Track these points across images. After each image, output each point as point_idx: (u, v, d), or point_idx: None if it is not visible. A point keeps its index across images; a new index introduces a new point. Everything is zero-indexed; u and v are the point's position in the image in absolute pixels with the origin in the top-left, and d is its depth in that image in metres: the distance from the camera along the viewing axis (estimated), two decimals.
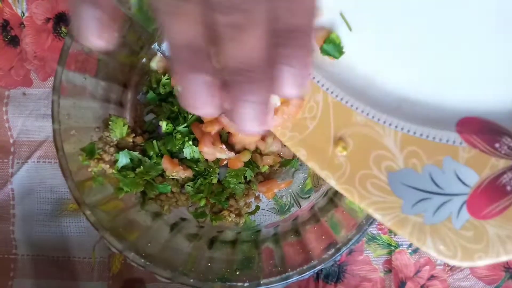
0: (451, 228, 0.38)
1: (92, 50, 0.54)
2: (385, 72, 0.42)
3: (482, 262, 0.37)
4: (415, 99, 0.41)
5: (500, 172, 0.38)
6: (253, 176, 0.62)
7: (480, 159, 0.39)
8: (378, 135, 0.41)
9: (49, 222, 0.70)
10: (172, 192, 0.61)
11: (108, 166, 0.56)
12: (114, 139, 0.58)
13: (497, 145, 0.39)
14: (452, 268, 0.66)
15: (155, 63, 0.63)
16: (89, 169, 0.55)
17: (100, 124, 0.58)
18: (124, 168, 0.57)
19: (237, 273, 0.52)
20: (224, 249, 0.57)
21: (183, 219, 0.62)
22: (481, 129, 0.40)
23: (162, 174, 0.60)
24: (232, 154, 0.60)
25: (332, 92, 0.43)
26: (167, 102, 0.62)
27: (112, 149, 0.57)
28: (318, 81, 0.43)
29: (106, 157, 0.56)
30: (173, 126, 0.59)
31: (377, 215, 0.40)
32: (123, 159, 0.57)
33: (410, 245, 0.66)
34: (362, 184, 0.40)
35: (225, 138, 0.61)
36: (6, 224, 0.70)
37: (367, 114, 0.42)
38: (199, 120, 0.60)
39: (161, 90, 0.62)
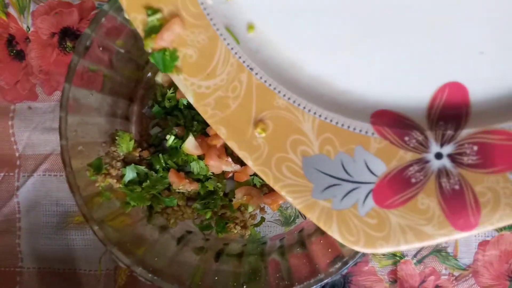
0: (356, 215, 0.40)
1: (99, 66, 0.55)
2: (310, 60, 0.44)
3: (383, 249, 0.39)
4: (336, 88, 0.43)
5: (407, 165, 0.41)
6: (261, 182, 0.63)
7: (389, 150, 0.41)
8: (297, 120, 0.42)
9: (55, 235, 0.70)
10: (178, 206, 0.61)
11: (115, 180, 0.56)
12: (121, 154, 0.58)
13: (406, 138, 0.41)
14: (457, 278, 0.66)
15: (160, 77, 0.64)
16: (97, 184, 0.55)
17: (107, 139, 0.58)
18: (130, 182, 0.58)
19: (244, 287, 0.53)
20: (230, 262, 0.57)
21: (189, 232, 0.62)
22: (393, 122, 0.42)
23: (169, 187, 0.61)
24: (237, 166, 0.61)
25: (256, 74, 0.43)
26: (173, 116, 0.63)
27: (119, 164, 0.57)
28: (244, 61, 0.43)
29: (113, 172, 0.56)
30: (179, 140, 0.60)
31: (289, 198, 0.41)
32: (130, 173, 0.58)
33: (415, 255, 0.66)
34: (277, 167, 0.42)
35: (230, 151, 0.62)
36: (12, 237, 0.70)
37: (289, 99, 0.43)
38: (205, 134, 0.61)
39: (167, 104, 0.63)
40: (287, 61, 0.44)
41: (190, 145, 0.59)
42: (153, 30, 0.42)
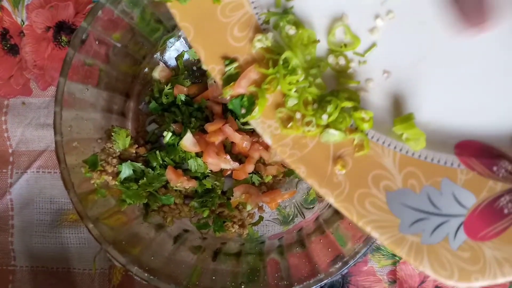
0: (448, 249, 0.39)
1: (95, 60, 0.53)
2: (389, 94, 0.43)
3: (479, 283, 0.38)
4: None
5: (498, 195, 0.40)
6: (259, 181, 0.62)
7: (477, 181, 0.40)
8: (377, 155, 0.42)
9: (49, 233, 0.69)
10: (175, 204, 0.60)
11: (111, 178, 0.55)
12: (117, 151, 0.57)
13: (494, 168, 0.40)
14: None
15: (157, 73, 0.63)
16: (92, 181, 0.54)
17: (102, 135, 0.57)
18: (127, 179, 0.57)
19: (242, 287, 0.52)
20: (228, 262, 0.56)
21: (186, 231, 0.61)
22: (479, 152, 0.41)
23: (165, 185, 0.60)
24: (236, 164, 0.60)
25: None
26: (170, 112, 0.62)
27: (115, 161, 0.56)
28: None
29: (109, 169, 0.55)
30: (177, 137, 0.59)
31: (374, 233, 0.40)
32: (126, 170, 0.57)
33: None
34: (360, 202, 0.41)
35: (229, 148, 0.61)
36: (4, 235, 0.69)
37: (367, 134, 0.42)
38: (203, 130, 0.60)
39: (164, 100, 0.61)
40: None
41: (188, 142, 0.58)
42: (231, 79, 0.43)
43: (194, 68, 0.65)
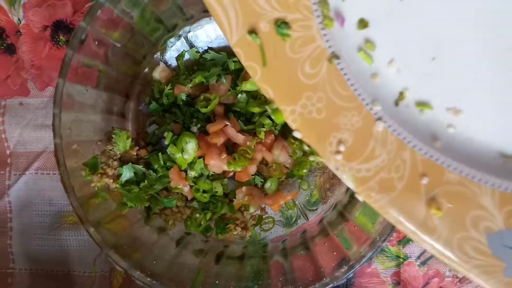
0: None
1: (94, 61, 0.52)
2: (481, 129, 0.40)
3: None
4: (503, 153, 0.40)
5: None
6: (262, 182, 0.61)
7: None
8: (474, 194, 0.39)
9: (48, 235, 0.68)
10: (177, 206, 0.59)
11: (111, 180, 0.54)
12: (118, 153, 0.56)
13: None
14: (461, 280, 0.65)
15: (158, 73, 0.61)
16: (92, 185, 0.53)
17: (102, 137, 0.56)
18: (128, 182, 0.56)
19: None
20: (232, 265, 0.56)
21: (188, 234, 0.60)
22: None
23: (167, 188, 0.59)
24: None
25: (420, 150, 0.40)
26: (171, 113, 0.61)
27: (115, 163, 0.55)
28: (404, 138, 0.40)
29: (110, 172, 0.54)
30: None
31: (479, 280, 0.38)
32: (127, 173, 0.56)
33: (418, 257, 0.65)
34: (461, 247, 0.39)
35: (231, 150, 0.60)
36: (3, 237, 0.68)
37: (460, 172, 0.40)
38: (204, 132, 0.59)
39: (164, 101, 0.60)
40: (454, 133, 0.41)
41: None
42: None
43: (195, 68, 0.63)
